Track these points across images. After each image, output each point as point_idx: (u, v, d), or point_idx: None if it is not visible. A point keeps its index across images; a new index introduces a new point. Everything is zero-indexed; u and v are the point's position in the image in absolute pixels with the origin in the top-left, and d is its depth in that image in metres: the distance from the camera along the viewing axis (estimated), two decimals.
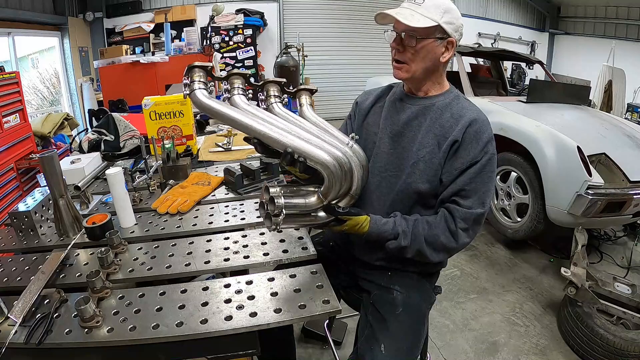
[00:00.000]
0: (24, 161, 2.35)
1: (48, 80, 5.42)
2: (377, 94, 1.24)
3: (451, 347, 1.94)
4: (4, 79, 2.25)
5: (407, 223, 1.03)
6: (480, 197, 1.01)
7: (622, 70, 5.39)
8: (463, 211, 1.00)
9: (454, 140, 1.01)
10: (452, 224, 1.01)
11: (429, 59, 1.03)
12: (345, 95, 7.07)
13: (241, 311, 0.86)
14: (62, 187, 1.18)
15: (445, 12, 0.99)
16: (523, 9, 8.22)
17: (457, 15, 1.02)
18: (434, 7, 0.99)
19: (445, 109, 1.07)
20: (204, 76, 0.96)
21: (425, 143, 1.05)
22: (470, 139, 1.01)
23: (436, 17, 0.98)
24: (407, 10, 1.00)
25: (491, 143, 1.03)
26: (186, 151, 1.90)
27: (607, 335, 1.73)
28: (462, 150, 1.01)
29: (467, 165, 1.00)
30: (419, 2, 1.00)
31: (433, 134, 1.05)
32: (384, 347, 0.98)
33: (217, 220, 1.29)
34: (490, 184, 1.03)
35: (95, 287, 0.90)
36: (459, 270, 2.61)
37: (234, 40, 5.93)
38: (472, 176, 1.00)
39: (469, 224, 1.01)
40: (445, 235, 1.02)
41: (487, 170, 1.01)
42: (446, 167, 1.03)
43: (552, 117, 2.82)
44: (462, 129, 1.01)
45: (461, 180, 1.01)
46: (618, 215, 2.36)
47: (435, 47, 1.01)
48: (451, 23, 1.00)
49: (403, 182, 1.07)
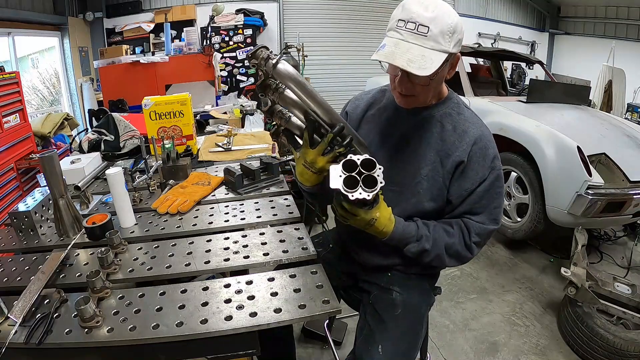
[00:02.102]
0: (24, 161, 2.35)
1: (48, 80, 5.42)
2: (367, 101, 1.17)
3: (451, 347, 1.94)
4: (4, 79, 2.25)
5: (427, 228, 1.01)
6: (492, 214, 1.01)
7: (622, 70, 5.39)
8: (478, 226, 1.00)
9: (459, 161, 0.98)
10: (467, 237, 1.01)
11: (439, 83, 0.99)
12: (345, 95, 7.03)
13: (241, 311, 0.86)
14: (62, 187, 1.18)
15: (452, 34, 0.86)
16: (523, 9, 8.22)
17: (461, 28, 0.88)
18: (441, 34, 0.84)
19: (445, 120, 1.02)
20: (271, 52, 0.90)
21: (427, 159, 1.01)
22: (476, 158, 0.98)
23: (446, 47, 0.86)
24: (414, 48, 0.84)
25: (497, 158, 1.01)
26: (186, 151, 1.91)
27: (607, 335, 1.73)
28: (470, 171, 0.98)
29: (476, 185, 0.99)
30: (422, 31, 0.84)
31: (435, 150, 1.01)
32: (381, 348, 0.98)
33: (217, 220, 1.29)
34: (499, 199, 1.02)
35: (95, 287, 0.90)
36: (459, 270, 2.61)
37: (234, 40, 5.93)
38: (482, 194, 1.00)
39: (482, 239, 1.02)
40: (461, 246, 1.01)
41: (496, 186, 1.00)
42: (454, 187, 1.01)
43: (552, 117, 2.82)
44: (467, 148, 0.98)
45: (471, 199, 1.00)
46: (618, 215, 2.36)
47: (444, 71, 0.95)
48: (458, 41, 0.89)
49: (407, 201, 1.04)
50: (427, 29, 0.84)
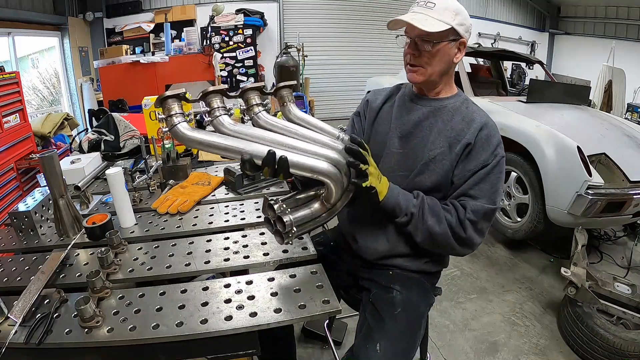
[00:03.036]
0: (24, 161, 2.35)
1: (48, 80, 5.42)
2: (386, 94, 1.25)
3: (451, 347, 1.94)
4: (4, 79, 2.25)
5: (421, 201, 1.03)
6: (490, 196, 1.03)
7: (622, 70, 5.39)
8: (473, 203, 1.02)
9: (467, 143, 1.04)
10: (462, 213, 1.02)
11: (445, 61, 1.05)
12: (345, 95, 7.07)
13: (241, 311, 0.86)
14: (62, 187, 1.18)
15: (456, 14, 1.00)
16: (523, 9, 8.23)
17: (466, 16, 1.03)
18: (445, 10, 1.00)
19: (456, 111, 1.09)
20: (179, 106, 0.83)
21: (437, 144, 1.07)
22: (481, 143, 1.04)
23: (449, 20, 0.99)
24: (420, 15, 1.00)
25: (500, 146, 1.06)
26: (186, 151, 1.90)
27: (607, 335, 1.73)
28: (474, 154, 1.04)
29: (479, 167, 1.03)
30: (430, 6, 1.00)
31: (445, 136, 1.07)
32: (379, 346, 0.98)
33: (217, 220, 1.29)
34: (499, 184, 1.05)
35: (95, 287, 0.90)
36: (459, 270, 2.61)
37: (234, 40, 5.93)
38: (482, 177, 1.03)
39: (478, 217, 1.02)
40: (454, 220, 1.02)
41: (496, 171, 1.04)
42: (458, 169, 1.05)
43: (552, 117, 2.82)
44: (474, 132, 1.04)
45: (472, 181, 1.04)
46: (618, 215, 2.36)
47: (450, 49, 1.03)
48: (462, 24, 1.02)
49: (410, 180, 1.09)
50: (434, 5, 1.00)
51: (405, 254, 1.14)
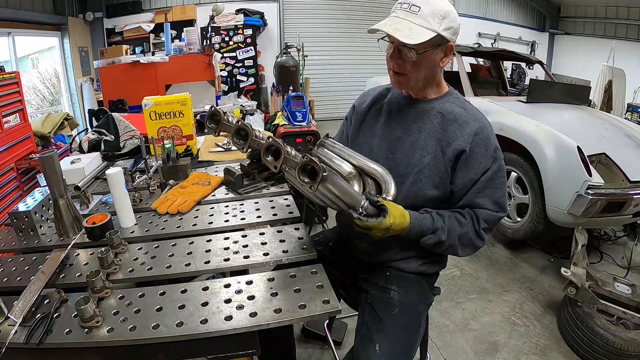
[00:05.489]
0: (24, 161, 2.34)
1: (48, 80, 5.42)
2: (374, 96, 1.22)
3: (451, 347, 1.94)
4: (4, 79, 2.25)
5: (442, 219, 1.03)
6: (497, 202, 1.04)
7: (622, 70, 5.39)
8: (486, 213, 1.03)
9: (461, 150, 1.00)
10: (477, 224, 1.03)
11: (430, 67, 1.01)
12: (345, 95, 7.07)
13: (241, 311, 0.86)
14: (62, 187, 1.18)
15: (443, 18, 0.94)
16: (523, 9, 8.22)
17: (454, 17, 0.97)
18: (431, 14, 0.93)
19: (446, 112, 1.05)
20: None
21: (428, 149, 1.04)
22: (479, 149, 1.01)
23: (435, 27, 0.93)
24: (403, 22, 0.94)
25: (498, 149, 1.05)
26: (186, 151, 1.90)
27: (607, 335, 1.73)
28: (473, 161, 1.01)
29: (480, 174, 1.02)
30: (414, 10, 0.94)
31: (436, 139, 1.04)
32: (378, 347, 0.98)
33: (217, 220, 1.29)
34: (503, 188, 1.05)
35: (95, 287, 0.90)
36: (459, 270, 2.61)
37: (234, 40, 5.93)
38: (485, 183, 1.02)
39: (490, 225, 1.04)
40: (473, 235, 1.04)
41: (499, 175, 1.04)
42: (458, 178, 1.03)
43: (552, 117, 2.82)
44: (468, 137, 1.00)
45: (476, 189, 1.03)
46: (618, 215, 2.36)
47: (435, 55, 0.99)
48: (449, 28, 0.96)
49: (409, 189, 1.06)
50: (419, 9, 0.94)
51: (402, 256, 1.14)
